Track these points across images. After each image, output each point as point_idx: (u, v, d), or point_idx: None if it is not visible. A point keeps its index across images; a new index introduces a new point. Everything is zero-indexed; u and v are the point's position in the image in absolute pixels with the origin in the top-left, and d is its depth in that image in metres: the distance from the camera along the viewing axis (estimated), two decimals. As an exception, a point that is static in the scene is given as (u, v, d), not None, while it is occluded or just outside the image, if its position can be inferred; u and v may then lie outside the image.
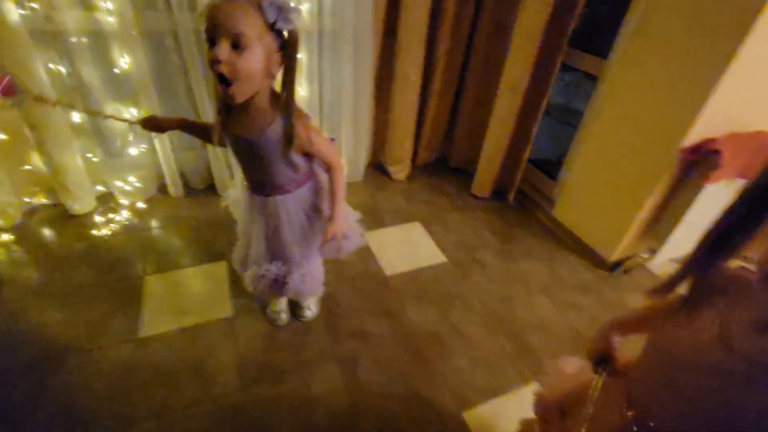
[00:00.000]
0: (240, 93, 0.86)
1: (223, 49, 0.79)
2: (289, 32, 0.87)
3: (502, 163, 2.14)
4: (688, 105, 1.38)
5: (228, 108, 0.95)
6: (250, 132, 0.95)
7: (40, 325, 1.38)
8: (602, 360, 0.74)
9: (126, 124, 1.41)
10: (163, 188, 2.03)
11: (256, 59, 0.83)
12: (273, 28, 0.83)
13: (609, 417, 0.63)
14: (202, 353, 1.34)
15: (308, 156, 1.06)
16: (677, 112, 1.43)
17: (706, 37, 1.31)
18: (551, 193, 2.14)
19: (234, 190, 1.41)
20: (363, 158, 2.27)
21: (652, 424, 0.55)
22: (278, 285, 1.22)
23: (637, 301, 1.69)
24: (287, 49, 0.88)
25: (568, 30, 1.68)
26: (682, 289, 0.53)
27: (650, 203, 1.60)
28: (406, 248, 1.87)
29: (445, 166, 2.54)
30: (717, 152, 1.37)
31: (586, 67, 1.84)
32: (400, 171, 2.33)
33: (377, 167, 2.42)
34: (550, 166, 2.26)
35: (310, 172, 1.12)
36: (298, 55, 0.91)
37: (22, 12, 1.44)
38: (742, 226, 0.44)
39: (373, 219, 2.02)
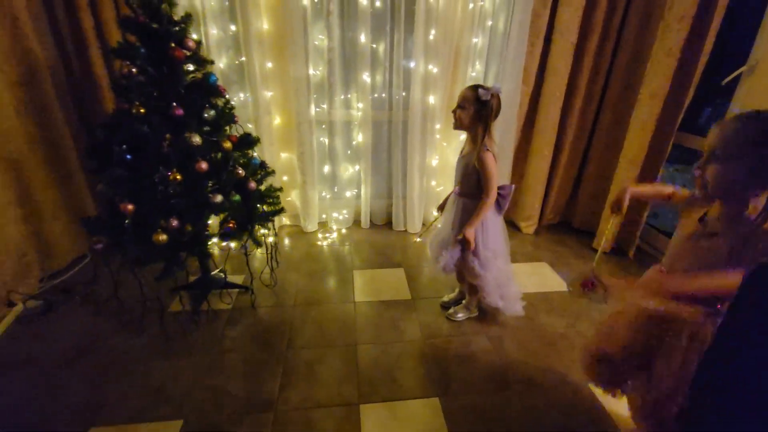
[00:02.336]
0: (457, 127, 1.67)
1: (456, 108, 1.64)
2: (488, 101, 1.63)
3: (622, 222, 2.56)
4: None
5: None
6: (465, 152, 1.72)
7: (299, 287, 2.23)
8: (617, 206, 1.31)
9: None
10: (357, 222, 2.95)
11: (465, 114, 1.62)
12: (480, 100, 1.61)
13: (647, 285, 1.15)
14: (395, 316, 2.01)
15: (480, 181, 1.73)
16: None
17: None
18: (670, 251, 2.45)
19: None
20: (499, 213, 2.92)
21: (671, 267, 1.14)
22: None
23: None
24: (485, 109, 1.63)
25: (678, 121, 2.20)
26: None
27: None
28: (536, 278, 2.37)
29: (567, 228, 3.03)
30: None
31: (691, 144, 2.29)
32: (529, 226, 2.89)
33: (508, 222, 3.02)
34: (667, 233, 2.59)
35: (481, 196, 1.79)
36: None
37: (317, 109, 2.57)
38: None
39: (508, 256, 2.58)
